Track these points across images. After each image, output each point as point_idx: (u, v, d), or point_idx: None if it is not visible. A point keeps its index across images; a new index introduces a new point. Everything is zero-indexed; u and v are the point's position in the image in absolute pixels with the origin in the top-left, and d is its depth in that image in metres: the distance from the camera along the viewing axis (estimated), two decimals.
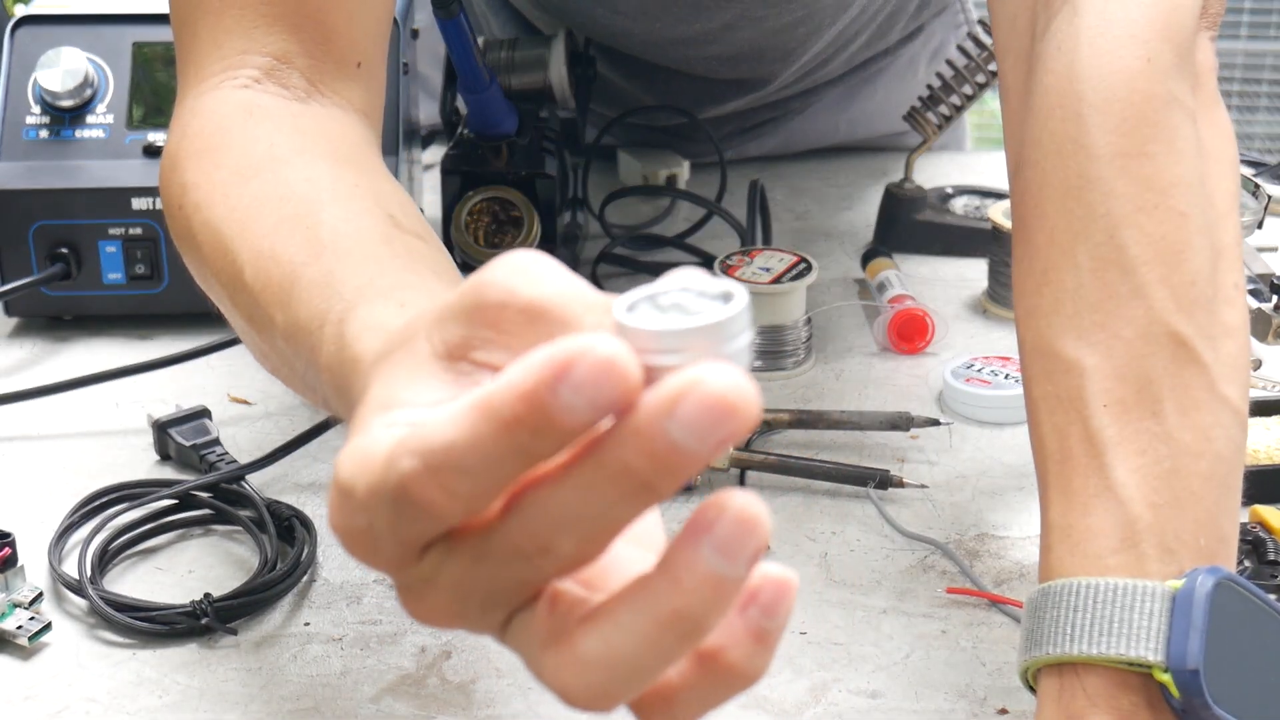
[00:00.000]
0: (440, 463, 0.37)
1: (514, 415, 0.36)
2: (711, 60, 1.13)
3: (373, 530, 0.40)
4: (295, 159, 0.66)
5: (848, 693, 0.66)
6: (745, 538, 0.36)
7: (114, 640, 0.69)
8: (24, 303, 0.98)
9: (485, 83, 0.95)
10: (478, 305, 0.40)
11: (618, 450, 0.36)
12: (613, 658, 0.38)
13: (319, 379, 0.54)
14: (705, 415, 0.35)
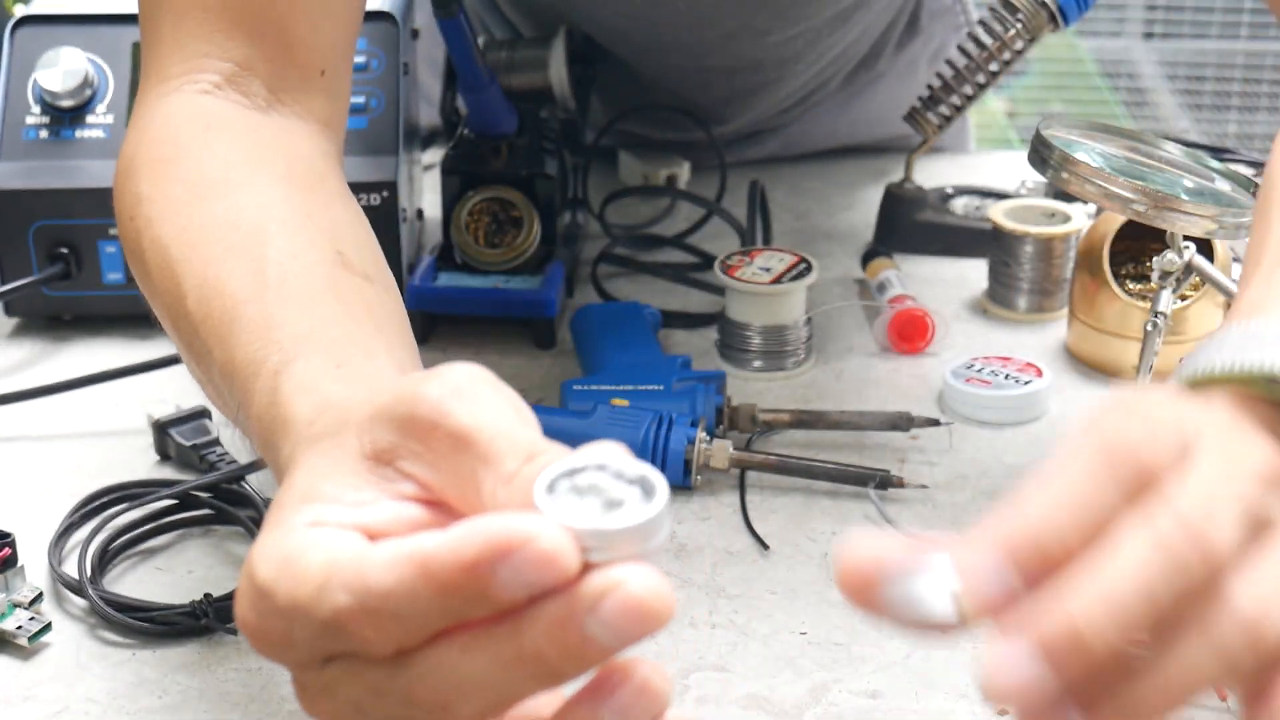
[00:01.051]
0: (376, 606, 0.38)
1: (451, 582, 0.37)
2: (708, 73, 1.13)
3: (287, 636, 0.41)
4: (249, 181, 0.65)
5: (848, 693, 0.66)
6: (645, 707, 0.38)
7: (114, 640, 0.69)
8: (24, 303, 0.98)
9: (485, 82, 0.95)
10: (410, 419, 0.42)
11: (533, 634, 0.37)
12: None
13: (249, 425, 0.55)
14: (624, 616, 0.36)
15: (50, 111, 0.98)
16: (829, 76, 1.20)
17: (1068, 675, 0.35)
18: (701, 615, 0.71)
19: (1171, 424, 0.39)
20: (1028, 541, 0.37)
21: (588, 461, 0.39)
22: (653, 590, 0.36)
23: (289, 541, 0.41)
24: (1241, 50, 3.73)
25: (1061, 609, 0.35)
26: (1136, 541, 0.36)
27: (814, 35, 1.12)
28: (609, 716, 0.39)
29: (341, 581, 0.39)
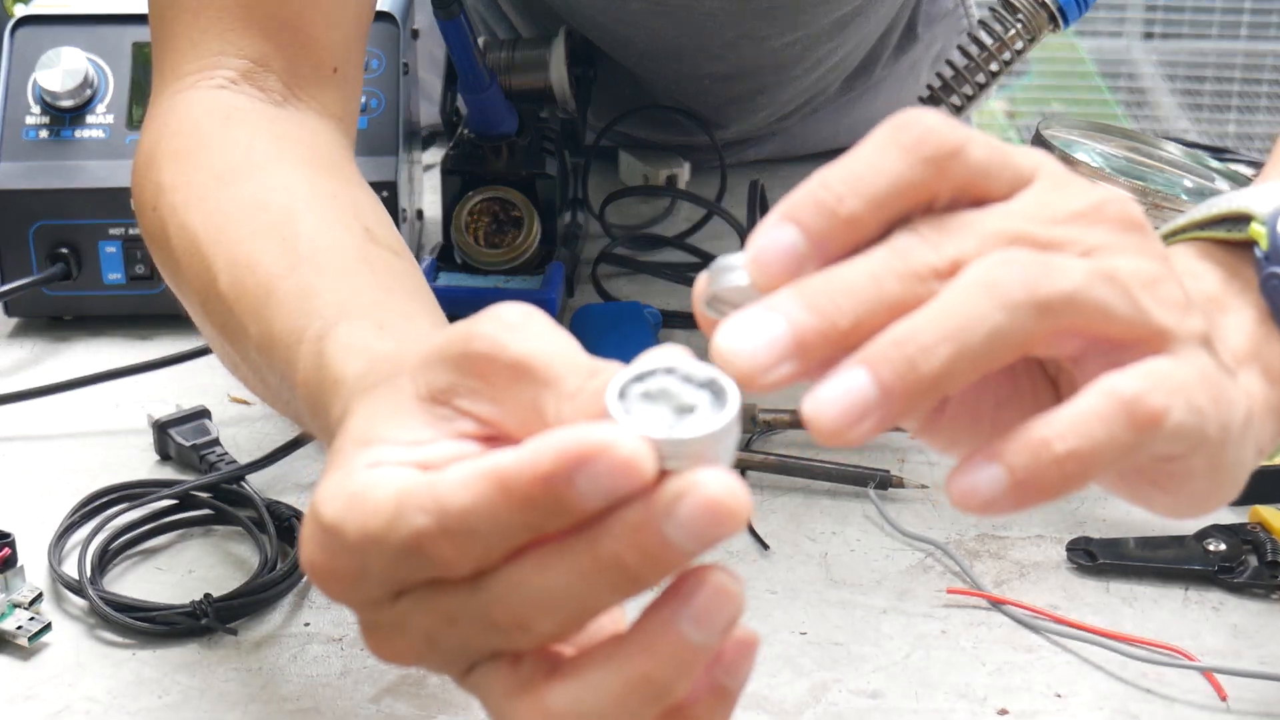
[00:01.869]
0: (455, 526, 0.38)
1: (529, 495, 0.37)
2: (706, 79, 1.13)
3: (360, 572, 0.41)
4: (272, 164, 0.66)
5: (848, 693, 0.66)
6: (721, 610, 0.38)
7: (114, 640, 0.69)
8: (24, 303, 0.98)
9: (485, 83, 0.95)
10: (466, 356, 0.41)
11: (611, 542, 0.37)
12: (580, 714, 0.39)
13: (294, 394, 0.55)
14: (701, 518, 0.36)
15: (50, 111, 0.98)
16: (827, 84, 1.20)
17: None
18: None
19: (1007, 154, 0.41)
20: (810, 205, 0.40)
21: (656, 365, 0.38)
22: (729, 491, 0.36)
23: (352, 480, 0.41)
24: (1241, 50, 3.73)
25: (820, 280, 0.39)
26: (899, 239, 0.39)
27: (812, 42, 1.12)
28: (687, 622, 0.38)
29: (417, 504, 0.39)
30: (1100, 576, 0.73)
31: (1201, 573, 0.72)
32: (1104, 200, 0.41)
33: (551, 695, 0.39)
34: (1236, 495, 0.44)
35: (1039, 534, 0.77)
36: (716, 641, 0.38)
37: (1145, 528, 0.77)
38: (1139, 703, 0.65)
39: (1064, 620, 0.70)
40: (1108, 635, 0.69)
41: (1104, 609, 0.71)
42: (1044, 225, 0.40)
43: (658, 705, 0.39)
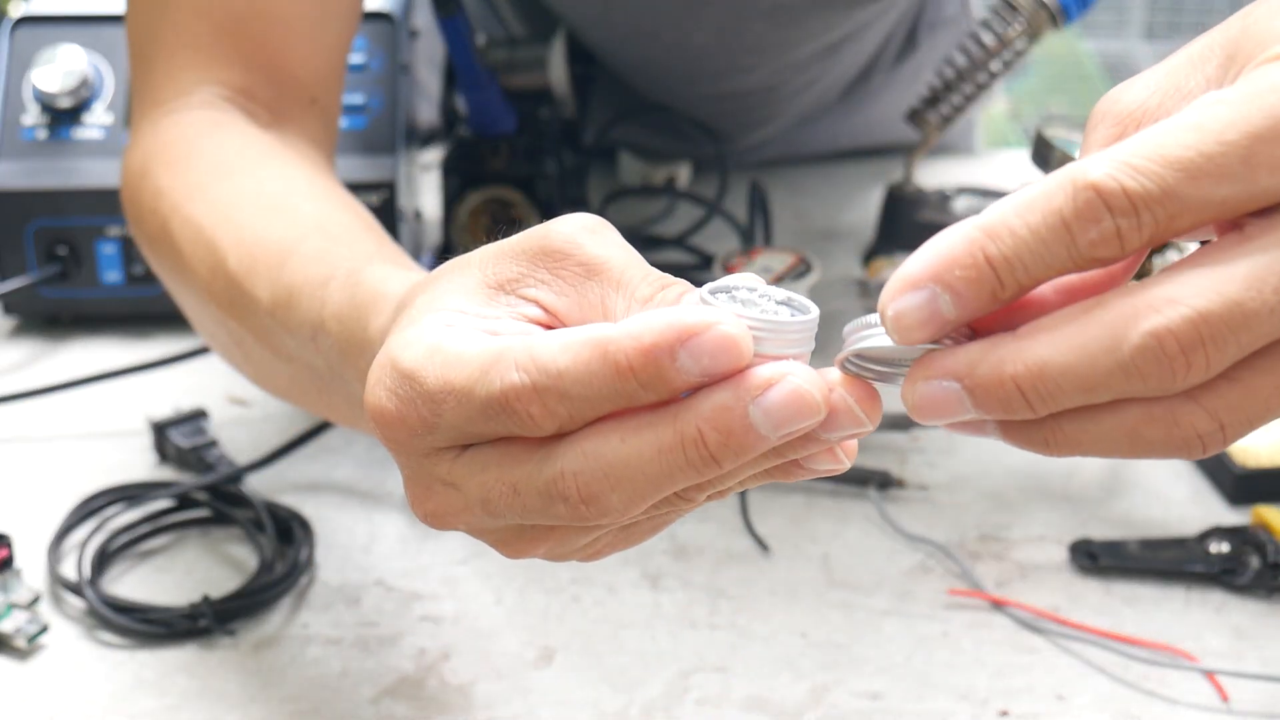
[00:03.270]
0: (549, 385, 0.39)
1: (630, 365, 0.38)
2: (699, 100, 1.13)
3: (431, 421, 0.41)
4: (267, 161, 0.67)
5: (849, 694, 0.66)
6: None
7: (112, 641, 0.69)
8: (22, 303, 0.98)
9: (485, 82, 0.95)
10: (542, 250, 0.42)
11: (696, 418, 0.38)
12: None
13: (318, 336, 0.54)
14: (786, 405, 0.38)
15: (48, 111, 0.98)
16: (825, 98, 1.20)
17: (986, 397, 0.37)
18: (702, 616, 0.70)
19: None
20: (970, 279, 0.36)
21: (739, 282, 0.40)
22: (814, 384, 0.38)
23: (432, 333, 0.42)
24: None
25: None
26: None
27: (802, 68, 1.12)
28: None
29: (513, 360, 0.39)
30: (1102, 578, 0.73)
31: (1203, 574, 0.72)
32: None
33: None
34: None
35: (1041, 535, 0.76)
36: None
37: (1147, 529, 0.77)
38: (1141, 704, 0.65)
39: (1066, 621, 0.69)
40: (1109, 636, 0.68)
41: (1106, 610, 0.71)
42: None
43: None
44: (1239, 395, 0.36)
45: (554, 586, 0.72)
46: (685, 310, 0.38)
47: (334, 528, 0.77)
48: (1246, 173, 0.35)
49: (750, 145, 1.22)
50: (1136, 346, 0.35)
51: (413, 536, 0.76)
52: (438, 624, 0.70)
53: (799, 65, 1.11)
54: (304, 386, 0.61)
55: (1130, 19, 3.95)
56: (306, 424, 0.83)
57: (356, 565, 0.74)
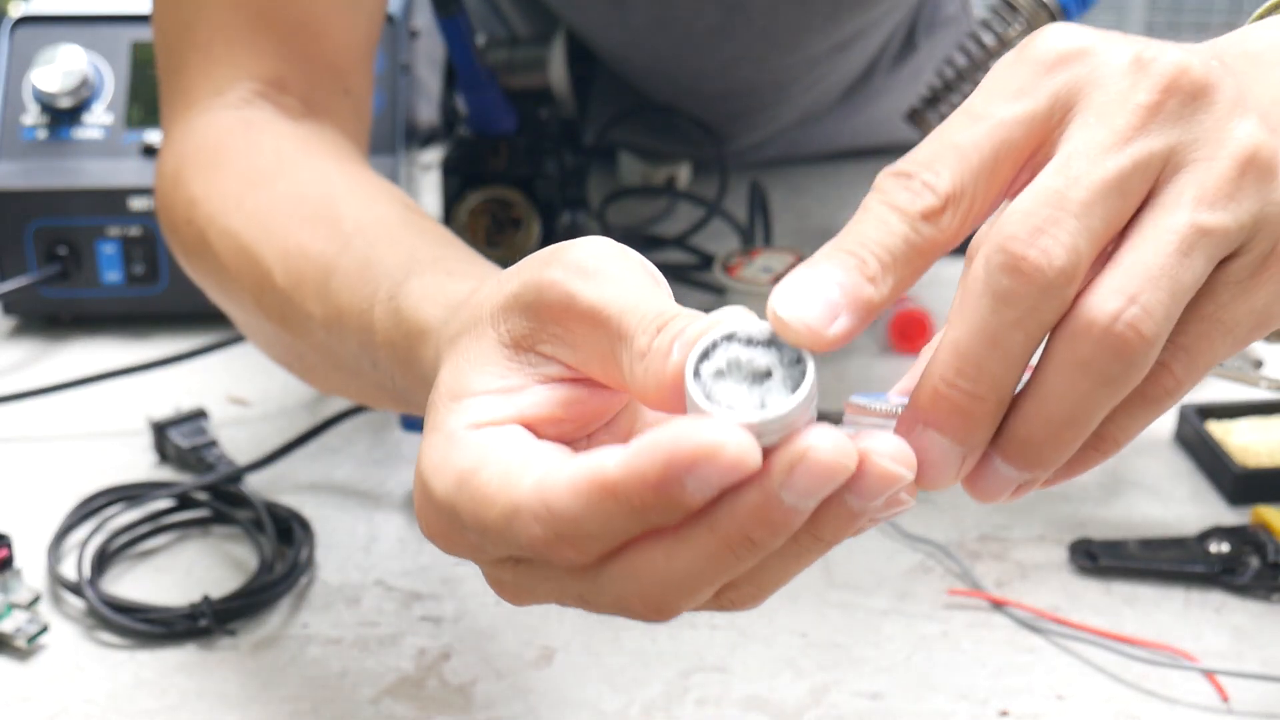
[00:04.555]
0: (571, 533, 0.39)
1: (642, 500, 0.37)
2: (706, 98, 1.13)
3: (479, 548, 0.42)
4: (302, 161, 0.66)
5: (849, 694, 0.66)
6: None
7: (112, 642, 0.69)
8: (22, 303, 0.98)
9: (484, 82, 0.95)
10: (539, 305, 0.42)
11: (734, 523, 0.38)
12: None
13: (378, 358, 0.54)
14: (817, 479, 0.37)
15: (48, 111, 0.98)
16: (827, 97, 1.20)
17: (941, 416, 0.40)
18: (702, 616, 0.70)
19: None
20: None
21: (715, 336, 0.39)
22: (838, 448, 0.37)
23: (458, 454, 0.41)
24: None
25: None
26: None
27: (810, 64, 1.12)
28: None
29: (531, 514, 0.39)
30: (1102, 578, 0.73)
31: (1203, 574, 0.72)
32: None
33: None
34: None
35: (1040, 535, 0.76)
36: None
37: (1147, 529, 0.77)
38: (1140, 704, 0.65)
39: (1065, 621, 0.69)
40: (1109, 636, 0.68)
41: (1106, 610, 0.71)
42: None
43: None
44: (1126, 269, 0.38)
45: None
46: (683, 435, 0.37)
47: (334, 528, 0.77)
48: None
49: (750, 145, 1.22)
50: (996, 264, 0.38)
51: (412, 537, 0.76)
52: (438, 624, 0.70)
53: (809, 61, 1.11)
54: (378, 398, 0.61)
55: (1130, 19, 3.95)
56: (306, 424, 0.83)
57: (356, 565, 0.74)
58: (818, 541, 0.40)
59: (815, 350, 0.39)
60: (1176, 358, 0.40)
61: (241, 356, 0.94)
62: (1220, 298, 0.40)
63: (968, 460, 0.40)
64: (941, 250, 0.40)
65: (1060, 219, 0.38)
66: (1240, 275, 0.40)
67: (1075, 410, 0.39)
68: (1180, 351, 0.40)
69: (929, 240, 0.39)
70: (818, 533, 0.39)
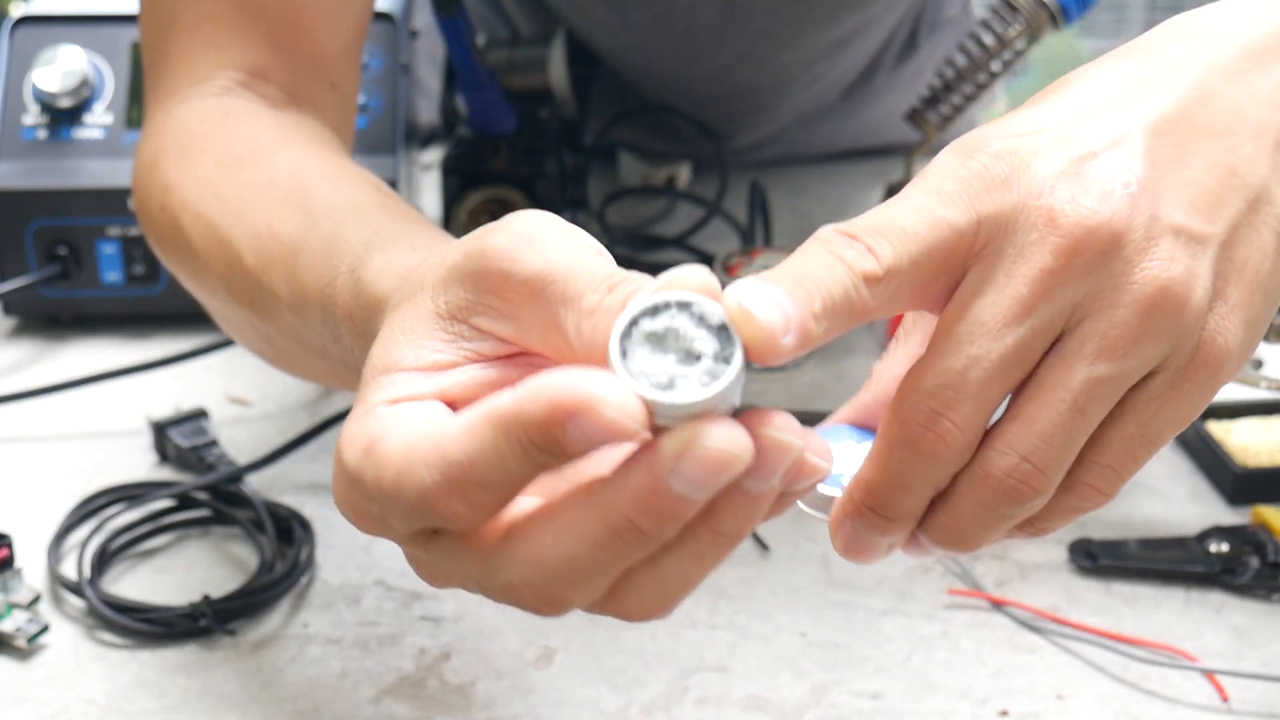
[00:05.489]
0: (461, 477, 0.38)
1: (529, 439, 0.37)
2: (705, 99, 1.13)
3: (384, 519, 0.41)
4: (278, 148, 0.66)
5: (849, 694, 0.66)
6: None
7: (112, 641, 0.69)
8: (22, 303, 0.98)
9: (484, 82, 0.95)
10: (481, 272, 0.41)
11: (620, 508, 0.37)
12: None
13: (339, 334, 0.54)
14: (707, 470, 0.36)
15: (48, 111, 0.98)
16: (827, 96, 1.20)
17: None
18: (702, 616, 0.70)
19: None
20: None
21: (671, 298, 0.38)
22: (729, 439, 0.36)
23: (370, 424, 0.41)
24: None
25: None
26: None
27: (810, 62, 1.12)
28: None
29: (421, 459, 0.39)
30: (1102, 577, 0.73)
31: (1203, 574, 0.72)
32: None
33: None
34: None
35: None
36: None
37: (1147, 529, 0.77)
38: (1140, 704, 0.65)
39: (1065, 621, 0.69)
40: (1109, 636, 0.68)
41: (1105, 610, 0.71)
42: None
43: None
44: (1021, 425, 0.41)
45: None
46: (574, 382, 0.36)
47: (334, 528, 0.77)
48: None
49: (750, 145, 1.22)
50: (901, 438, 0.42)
51: None
52: (438, 624, 0.70)
53: (808, 59, 1.11)
54: (344, 378, 0.61)
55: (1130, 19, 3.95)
56: (307, 423, 0.83)
57: (356, 565, 0.74)
58: (718, 537, 0.39)
59: (759, 354, 0.37)
60: (1104, 477, 0.43)
61: (241, 356, 0.94)
62: (1142, 414, 0.42)
63: (892, 546, 0.44)
64: (861, 320, 0.41)
65: (957, 402, 0.41)
66: (1161, 390, 0.42)
67: (979, 529, 0.43)
68: (1107, 470, 0.43)
69: (862, 304, 0.40)
70: (717, 526, 0.38)
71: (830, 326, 0.40)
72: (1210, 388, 0.43)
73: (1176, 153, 0.43)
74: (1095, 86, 0.44)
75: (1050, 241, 0.40)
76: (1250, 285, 0.43)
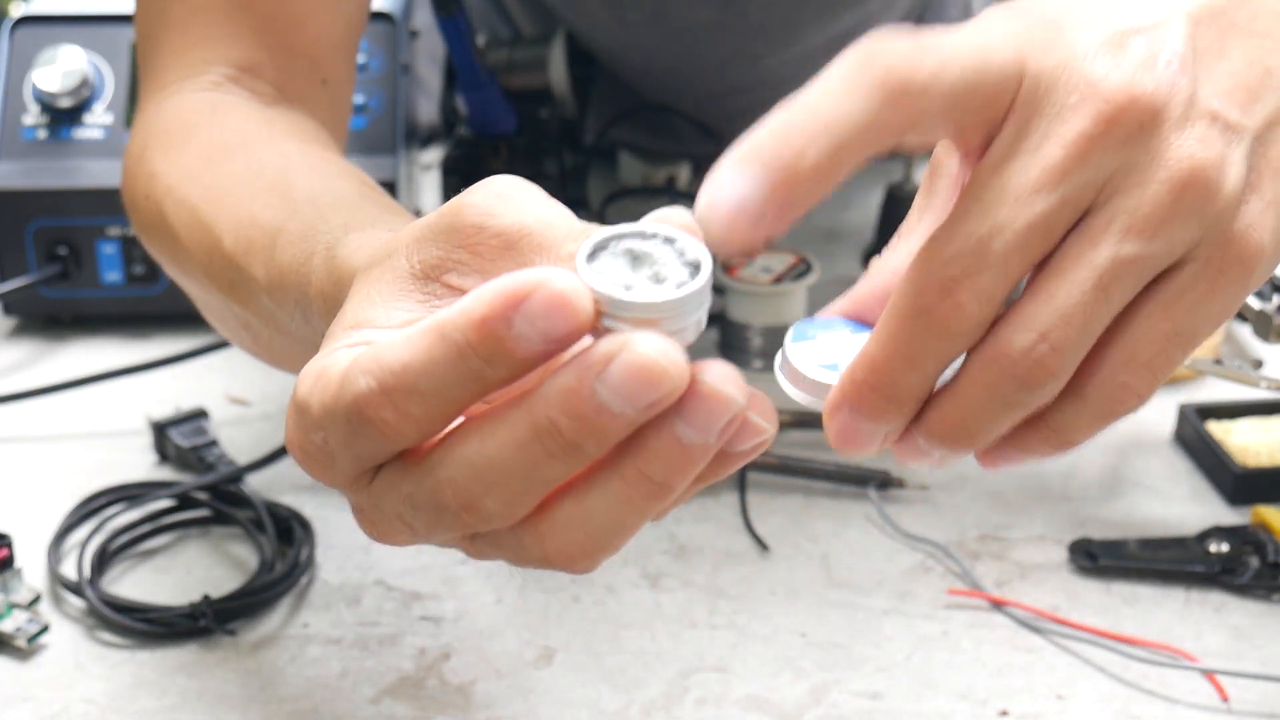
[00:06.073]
0: (395, 383, 0.37)
1: (467, 341, 0.36)
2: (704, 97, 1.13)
3: (327, 448, 0.40)
4: (264, 140, 0.66)
5: (849, 694, 0.66)
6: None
7: (112, 641, 0.69)
8: (22, 303, 0.98)
9: (484, 81, 0.95)
10: (455, 227, 0.41)
11: (545, 406, 0.36)
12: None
13: (311, 311, 0.53)
14: (633, 379, 0.35)
15: (48, 111, 0.98)
16: None
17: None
18: (701, 616, 0.70)
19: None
20: (771, 159, 0.38)
21: (658, 230, 0.37)
22: (661, 351, 0.35)
23: (325, 360, 0.41)
24: None
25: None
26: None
27: (809, 60, 1.12)
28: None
29: (360, 367, 0.38)
30: (1102, 577, 0.73)
31: (1203, 574, 0.72)
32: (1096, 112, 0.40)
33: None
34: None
35: (1040, 535, 0.76)
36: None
37: (1147, 529, 0.77)
38: (1140, 704, 0.65)
39: (1065, 621, 0.69)
40: (1109, 636, 0.68)
41: (1105, 610, 0.71)
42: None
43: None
44: (1042, 303, 0.40)
45: (554, 586, 0.72)
46: (519, 274, 0.36)
47: (334, 528, 0.77)
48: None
49: None
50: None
51: None
52: (438, 624, 0.70)
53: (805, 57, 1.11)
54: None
55: None
56: None
57: (356, 565, 0.74)
58: (647, 482, 0.38)
59: (721, 251, 0.36)
60: (1139, 376, 0.41)
61: (241, 356, 0.94)
62: (1175, 309, 0.41)
63: (889, 436, 0.43)
64: (886, 145, 0.39)
65: (978, 272, 0.39)
66: (1192, 281, 0.41)
67: (985, 419, 0.41)
68: (1142, 369, 0.41)
69: (885, 125, 0.38)
70: (645, 468, 0.37)
71: (850, 154, 0.38)
72: (1243, 285, 0.41)
73: (1217, 44, 0.42)
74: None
75: (1091, 105, 0.39)
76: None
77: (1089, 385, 0.41)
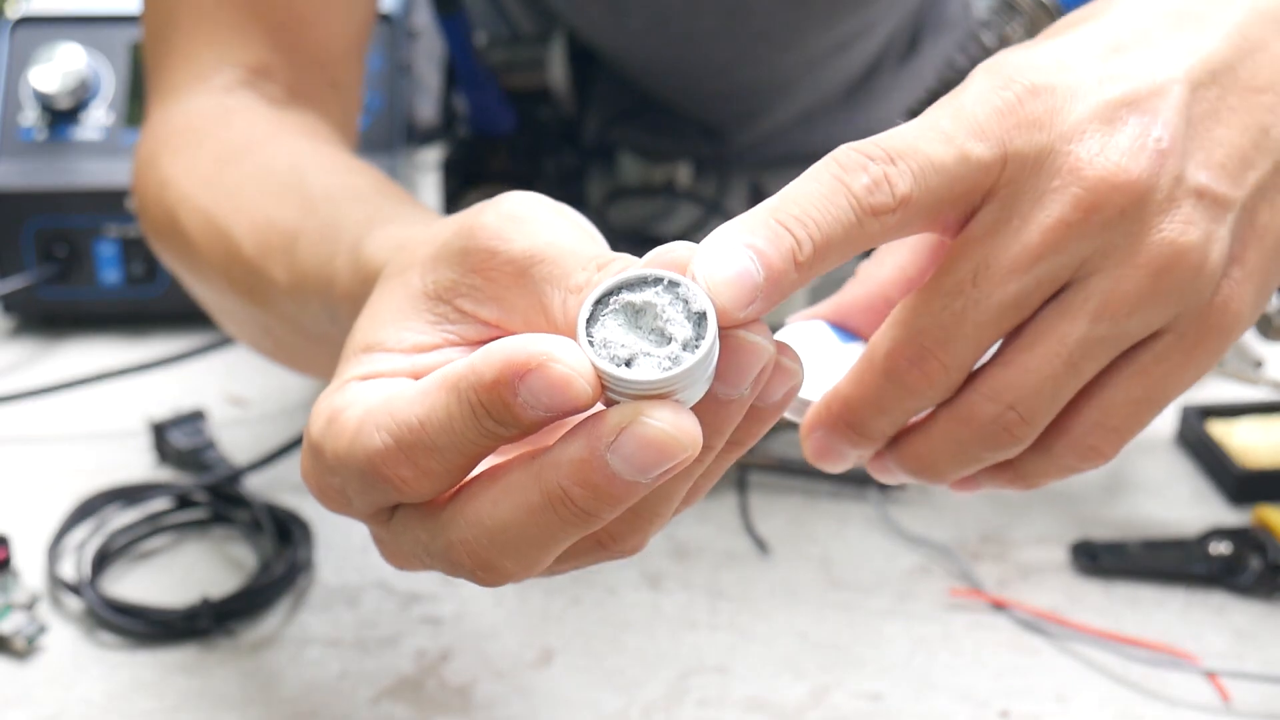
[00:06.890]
0: (412, 441, 0.37)
1: (480, 402, 0.36)
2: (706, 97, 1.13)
3: (345, 491, 0.41)
4: (274, 140, 0.66)
5: (849, 695, 0.65)
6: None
7: (111, 642, 0.69)
8: (20, 303, 0.98)
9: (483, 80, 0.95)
10: (468, 250, 0.41)
11: (555, 475, 0.36)
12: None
13: (338, 313, 0.53)
14: (645, 450, 0.35)
15: (48, 111, 0.98)
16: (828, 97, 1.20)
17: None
18: (702, 617, 0.70)
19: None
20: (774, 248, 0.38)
21: (662, 274, 0.36)
22: (672, 423, 0.35)
23: (337, 398, 0.41)
24: None
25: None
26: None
27: (811, 63, 1.12)
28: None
29: (374, 422, 0.38)
30: (1103, 578, 0.73)
31: (1204, 575, 0.72)
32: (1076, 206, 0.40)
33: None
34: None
35: (1042, 536, 0.76)
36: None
37: (1148, 530, 0.77)
38: (1141, 705, 0.65)
39: (1067, 622, 0.69)
40: (1110, 637, 0.68)
41: (1107, 611, 0.71)
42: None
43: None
44: (1013, 374, 0.41)
45: (554, 587, 0.72)
46: (530, 341, 0.35)
47: (333, 528, 0.77)
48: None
49: (751, 144, 1.22)
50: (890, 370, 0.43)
51: None
52: (438, 624, 0.70)
53: (808, 61, 1.11)
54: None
55: None
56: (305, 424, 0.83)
57: (356, 565, 0.74)
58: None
59: (726, 322, 0.36)
60: (1107, 439, 0.42)
61: (241, 356, 0.94)
62: (1148, 377, 0.41)
63: (861, 458, 0.45)
64: (865, 248, 0.40)
65: (949, 343, 0.41)
66: (1167, 352, 0.41)
67: (952, 465, 0.43)
68: (1111, 432, 0.42)
69: (867, 236, 0.39)
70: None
71: (824, 265, 0.38)
72: (1218, 351, 0.42)
73: (1214, 107, 0.41)
74: (1138, 13, 0.43)
75: (1071, 192, 0.39)
76: (1269, 251, 0.42)
77: (1057, 444, 0.43)
